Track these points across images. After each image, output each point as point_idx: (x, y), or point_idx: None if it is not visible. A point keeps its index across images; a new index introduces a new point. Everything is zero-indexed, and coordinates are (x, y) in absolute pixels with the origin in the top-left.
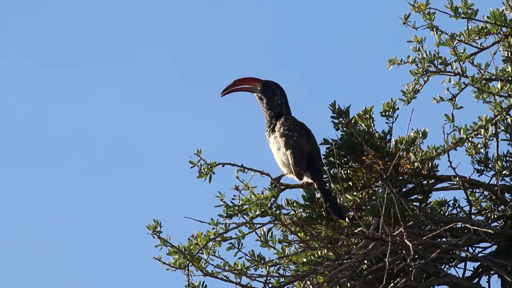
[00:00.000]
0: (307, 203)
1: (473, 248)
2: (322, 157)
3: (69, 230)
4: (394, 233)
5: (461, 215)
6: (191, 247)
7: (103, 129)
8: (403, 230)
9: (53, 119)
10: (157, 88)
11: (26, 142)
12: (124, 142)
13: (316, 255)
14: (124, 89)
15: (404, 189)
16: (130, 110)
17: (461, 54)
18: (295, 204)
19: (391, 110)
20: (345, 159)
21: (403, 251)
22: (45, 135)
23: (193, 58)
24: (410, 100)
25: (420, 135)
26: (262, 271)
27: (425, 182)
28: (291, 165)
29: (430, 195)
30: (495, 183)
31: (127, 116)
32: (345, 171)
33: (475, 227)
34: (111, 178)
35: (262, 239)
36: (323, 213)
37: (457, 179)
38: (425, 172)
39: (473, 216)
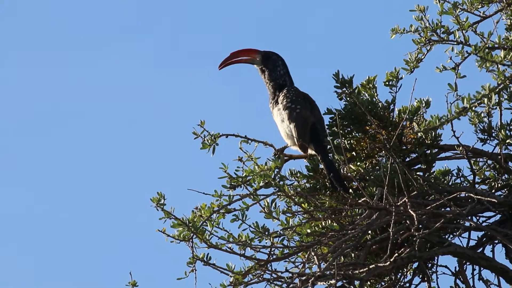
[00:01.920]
0: (310, 173)
1: (477, 218)
2: (326, 127)
3: (75, 202)
4: (398, 203)
5: (464, 184)
6: (195, 219)
7: (108, 103)
8: (407, 200)
9: (59, 92)
10: (161, 65)
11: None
12: (129, 116)
13: (320, 226)
14: (131, 68)
15: (407, 159)
16: (133, 85)
17: (463, 22)
18: (298, 175)
19: (394, 79)
20: (349, 129)
21: (407, 221)
22: (54, 108)
23: (195, 35)
24: (413, 70)
25: (423, 105)
26: (266, 243)
27: (429, 151)
28: (294, 138)
29: (433, 165)
30: (499, 152)
31: (130, 92)
32: (349, 141)
33: (479, 197)
34: (116, 151)
35: (266, 210)
36: (327, 183)
37: (460, 148)
38: (429, 142)
39: (476, 186)
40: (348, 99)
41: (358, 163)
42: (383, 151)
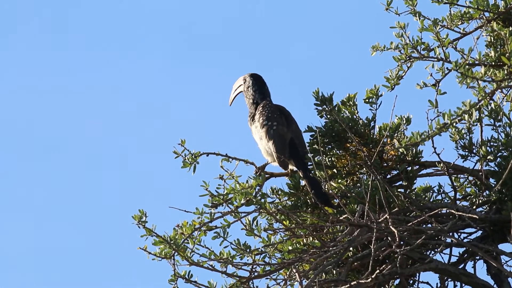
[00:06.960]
0: (292, 191)
1: (458, 234)
2: (307, 144)
3: (56, 223)
4: (379, 220)
5: (446, 201)
6: (176, 237)
7: (88, 124)
8: (388, 217)
9: (38, 117)
10: (142, 82)
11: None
12: (109, 135)
13: (302, 243)
14: (107, 86)
15: (388, 176)
16: (113, 103)
17: (444, 39)
18: (280, 192)
19: (375, 96)
20: (329, 146)
21: (389, 238)
22: (30, 133)
23: (180, 52)
24: (393, 86)
25: (404, 121)
26: (247, 260)
27: (410, 168)
28: (274, 155)
29: (414, 181)
30: (480, 168)
31: (110, 110)
32: (330, 159)
33: (460, 213)
34: (98, 170)
35: (247, 227)
36: (308, 200)
37: (441, 165)
38: (410, 158)
39: (458, 202)
40: (328, 116)
41: (339, 180)
42: (364, 168)
